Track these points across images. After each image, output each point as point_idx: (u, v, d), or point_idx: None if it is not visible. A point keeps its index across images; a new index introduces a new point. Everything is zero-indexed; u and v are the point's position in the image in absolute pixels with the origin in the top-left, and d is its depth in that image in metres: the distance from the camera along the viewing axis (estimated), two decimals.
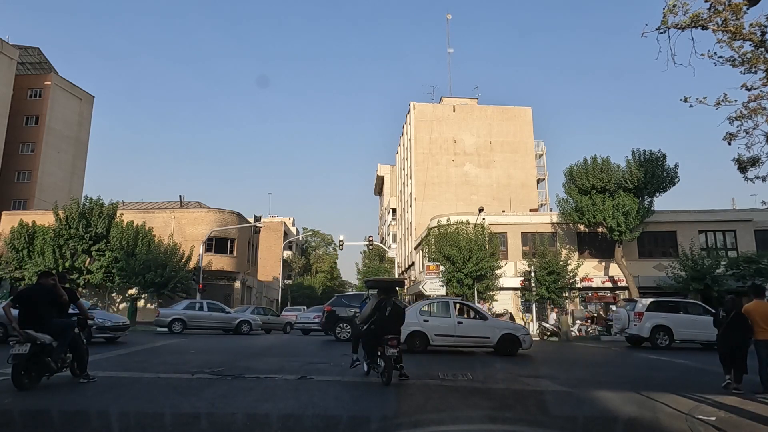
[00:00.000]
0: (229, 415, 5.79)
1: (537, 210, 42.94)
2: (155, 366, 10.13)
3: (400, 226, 57.52)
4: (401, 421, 5.82)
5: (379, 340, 8.67)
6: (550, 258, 29.09)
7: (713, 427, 5.70)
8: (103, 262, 33.00)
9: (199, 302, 24.82)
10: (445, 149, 48.46)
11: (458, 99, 51.89)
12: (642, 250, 31.40)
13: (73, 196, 38.68)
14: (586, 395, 7.73)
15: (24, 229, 33.66)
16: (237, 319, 23.86)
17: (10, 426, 5.33)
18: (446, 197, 45.95)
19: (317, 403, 6.66)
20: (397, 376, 8.78)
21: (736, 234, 31.17)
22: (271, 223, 69.43)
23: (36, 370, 7.10)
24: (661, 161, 28.18)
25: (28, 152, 48.11)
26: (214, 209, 40.17)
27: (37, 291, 7.51)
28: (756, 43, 9.36)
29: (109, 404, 6.25)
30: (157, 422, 5.49)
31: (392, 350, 8.44)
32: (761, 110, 10.11)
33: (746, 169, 10.97)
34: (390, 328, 8.85)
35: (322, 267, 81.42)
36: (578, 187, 29.06)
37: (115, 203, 35.37)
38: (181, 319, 22.68)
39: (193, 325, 22.99)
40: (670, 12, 9.38)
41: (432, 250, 30.68)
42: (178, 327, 22.40)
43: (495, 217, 32.75)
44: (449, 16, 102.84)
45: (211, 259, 36.12)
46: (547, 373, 10.77)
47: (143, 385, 7.86)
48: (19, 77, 47.82)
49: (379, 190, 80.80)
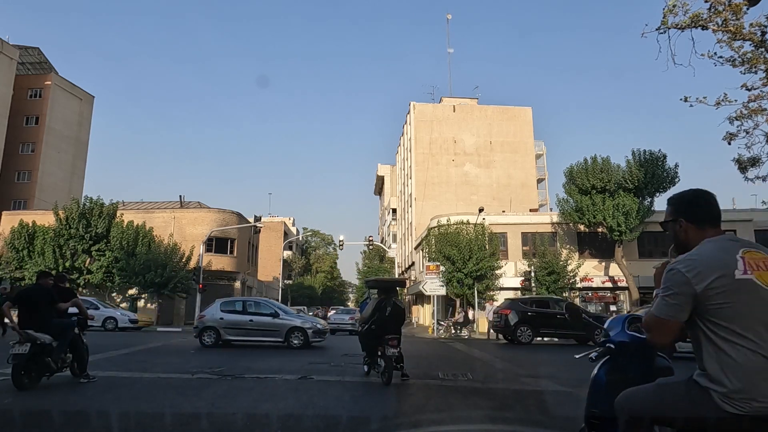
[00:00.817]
0: (229, 415, 5.78)
1: (537, 210, 42.94)
2: (155, 366, 10.12)
3: (400, 226, 57.52)
4: (401, 421, 5.82)
5: (380, 340, 8.65)
6: (550, 258, 29.08)
7: None
8: (103, 262, 33.01)
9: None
10: (445, 149, 48.45)
11: (458, 99, 51.89)
12: (642, 250, 31.39)
13: (73, 196, 38.69)
14: (586, 395, 7.72)
15: (24, 229, 33.67)
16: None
17: (10, 426, 5.33)
18: (446, 197, 45.95)
19: (317, 403, 6.66)
20: (399, 376, 8.76)
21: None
22: (271, 223, 69.41)
23: (36, 370, 7.10)
24: (662, 161, 28.18)
25: (28, 152, 48.12)
26: (214, 209, 40.16)
27: (37, 291, 7.51)
28: (756, 43, 9.36)
29: (109, 404, 6.25)
30: (157, 422, 5.48)
31: (392, 350, 8.43)
32: (761, 110, 10.11)
33: (746, 169, 10.98)
34: (390, 328, 8.84)
35: (322, 267, 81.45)
36: (578, 187, 29.05)
37: (115, 203, 35.37)
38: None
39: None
40: (670, 12, 9.38)
41: (432, 250, 30.67)
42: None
43: (495, 217, 32.74)
44: (449, 16, 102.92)
45: (211, 259, 36.12)
46: (547, 373, 10.76)
47: (143, 385, 7.85)
48: (19, 77, 47.82)
49: (379, 190, 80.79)
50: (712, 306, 1.96)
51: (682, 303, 2.00)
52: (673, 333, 2.05)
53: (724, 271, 1.97)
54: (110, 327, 22.98)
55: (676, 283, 2.02)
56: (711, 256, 2.03)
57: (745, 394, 1.89)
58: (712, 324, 1.98)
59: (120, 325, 23.47)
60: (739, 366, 1.92)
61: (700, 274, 1.98)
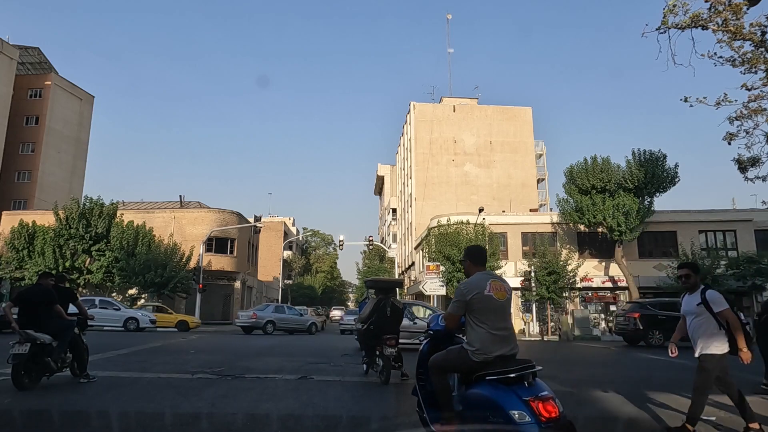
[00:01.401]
0: (229, 415, 5.78)
1: (537, 210, 42.91)
2: (155, 366, 10.12)
3: (400, 226, 57.51)
4: (401, 421, 5.81)
5: (378, 340, 8.74)
6: (550, 258, 29.05)
7: (713, 426, 5.70)
8: (103, 262, 33.00)
9: (283, 306, 29.68)
10: (445, 149, 48.44)
11: (458, 99, 51.88)
12: (642, 250, 31.39)
13: (73, 196, 38.70)
14: (586, 395, 7.72)
15: (24, 229, 33.67)
16: (309, 321, 28.23)
17: (10, 426, 5.33)
18: (446, 197, 45.94)
19: (317, 403, 6.66)
20: (398, 375, 8.80)
21: (736, 234, 31.15)
22: (271, 223, 69.44)
23: (36, 370, 7.10)
24: (661, 161, 28.17)
25: (28, 152, 48.12)
26: (214, 209, 40.16)
27: (37, 291, 7.51)
28: (756, 43, 9.35)
29: (109, 404, 6.24)
30: (157, 422, 5.49)
31: (390, 349, 8.51)
32: (761, 110, 10.10)
33: (746, 169, 10.96)
34: (388, 327, 8.92)
35: (322, 267, 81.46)
36: (578, 187, 29.04)
37: (115, 203, 35.37)
38: (272, 321, 26.22)
39: (281, 327, 26.50)
40: (670, 12, 9.37)
41: (432, 250, 30.67)
42: (270, 328, 25.99)
43: (495, 217, 32.73)
44: (449, 16, 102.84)
45: (211, 259, 36.13)
46: (547, 373, 10.74)
47: (143, 385, 7.85)
48: (19, 77, 47.82)
49: (379, 190, 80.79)
50: (472, 307, 3.74)
51: (461, 306, 3.79)
52: (456, 322, 3.94)
53: (480, 290, 3.73)
54: (132, 327, 23.73)
55: (458, 295, 3.81)
56: (476, 281, 3.83)
57: (482, 351, 3.64)
58: (472, 316, 3.75)
59: (141, 326, 24.36)
60: (479, 337, 3.68)
61: (470, 291, 3.75)
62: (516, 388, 3.38)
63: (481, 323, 3.69)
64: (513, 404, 3.28)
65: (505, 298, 3.82)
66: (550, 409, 3.25)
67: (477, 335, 3.69)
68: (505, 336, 3.74)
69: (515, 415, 3.23)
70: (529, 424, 3.19)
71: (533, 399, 3.27)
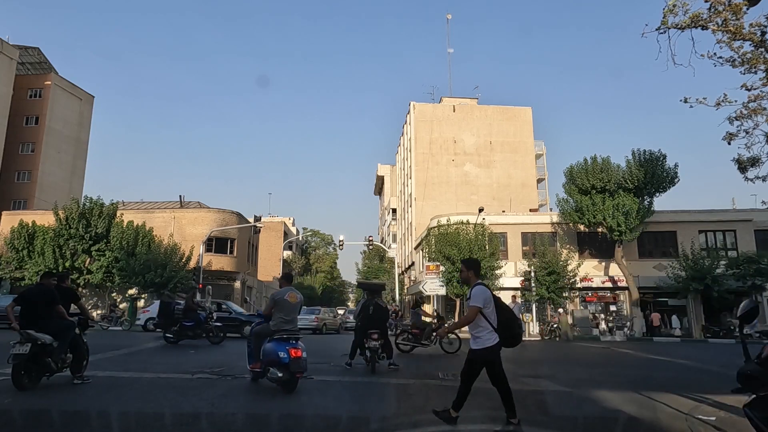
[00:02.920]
0: (229, 415, 5.78)
1: (537, 210, 42.93)
2: (155, 366, 10.13)
3: (400, 226, 57.52)
4: (401, 421, 5.82)
5: (365, 334, 10.16)
6: (550, 258, 29.07)
7: (713, 427, 5.70)
8: (103, 262, 32.99)
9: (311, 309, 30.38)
10: (445, 149, 48.45)
11: (458, 99, 51.89)
12: (642, 250, 31.41)
13: (73, 196, 38.67)
14: (586, 395, 7.72)
15: (24, 229, 33.64)
16: None
17: (10, 426, 5.33)
18: (446, 197, 45.94)
19: (317, 403, 6.67)
20: (386, 365, 10.24)
21: (736, 234, 31.16)
22: (271, 223, 69.40)
23: (36, 370, 7.09)
24: (661, 161, 28.18)
25: (28, 152, 48.08)
26: (214, 209, 40.14)
27: (39, 291, 7.50)
28: (756, 43, 9.36)
29: (109, 404, 6.25)
30: (157, 422, 5.49)
31: (374, 343, 9.91)
32: (761, 110, 10.11)
33: (746, 169, 10.97)
34: (373, 324, 10.28)
35: (322, 267, 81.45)
36: (578, 187, 29.05)
37: (115, 203, 35.34)
38: None
39: None
40: (670, 12, 9.38)
41: (432, 250, 30.68)
42: None
43: (495, 217, 32.74)
44: (449, 16, 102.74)
45: (211, 259, 36.11)
46: (547, 373, 10.77)
47: (143, 385, 7.85)
48: (19, 77, 47.79)
49: (379, 190, 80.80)
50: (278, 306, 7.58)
51: (271, 304, 7.57)
52: (269, 312, 7.64)
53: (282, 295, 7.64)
54: (150, 328, 23.76)
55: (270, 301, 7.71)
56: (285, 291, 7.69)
57: (276, 327, 7.36)
58: (276, 310, 7.50)
59: None
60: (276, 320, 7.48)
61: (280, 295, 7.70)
62: (285, 343, 7.13)
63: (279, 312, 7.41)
64: (281, 349, 7.06)
65: (296, 301, 7.57)
66: (297, 353, 7.00)
67: (275, 319, 7.41)
68: (290, 320, 7.41)
69: (281, 354, 6.99)
70: (285, 358, 6.93)
71: (289, 347, 7.03)
